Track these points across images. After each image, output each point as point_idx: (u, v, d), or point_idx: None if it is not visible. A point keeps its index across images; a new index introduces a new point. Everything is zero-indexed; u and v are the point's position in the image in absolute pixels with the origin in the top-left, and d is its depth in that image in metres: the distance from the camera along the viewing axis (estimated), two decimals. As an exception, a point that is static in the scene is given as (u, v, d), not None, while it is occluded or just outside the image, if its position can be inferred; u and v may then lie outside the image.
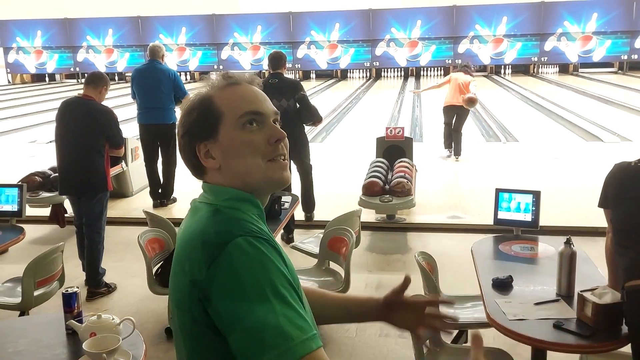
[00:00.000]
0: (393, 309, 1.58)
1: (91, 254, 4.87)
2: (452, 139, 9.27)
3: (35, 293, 3.72)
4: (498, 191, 3.98)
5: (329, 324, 1.27)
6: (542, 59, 24.52)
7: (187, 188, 6.92)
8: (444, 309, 1.60)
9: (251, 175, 1.31)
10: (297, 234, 5.89)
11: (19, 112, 16.94)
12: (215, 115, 1.31)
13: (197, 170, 1.36)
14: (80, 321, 2.56)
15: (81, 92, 4.90)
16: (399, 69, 25.67)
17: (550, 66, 25.19)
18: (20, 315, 3.71)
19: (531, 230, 3.83)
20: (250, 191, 1.33)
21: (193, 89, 1.57)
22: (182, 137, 1.36)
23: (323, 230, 4.40)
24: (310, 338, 1.14)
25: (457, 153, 9.22)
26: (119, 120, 4.98)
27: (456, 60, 24.36)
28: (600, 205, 3.01)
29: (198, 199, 1.37)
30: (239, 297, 1.15)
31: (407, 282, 1.58)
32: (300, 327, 1.14)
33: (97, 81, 4.86)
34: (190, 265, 1.21)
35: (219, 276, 1.16)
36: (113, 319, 2.48)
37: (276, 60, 5.95)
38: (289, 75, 6.24)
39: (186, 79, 25.90)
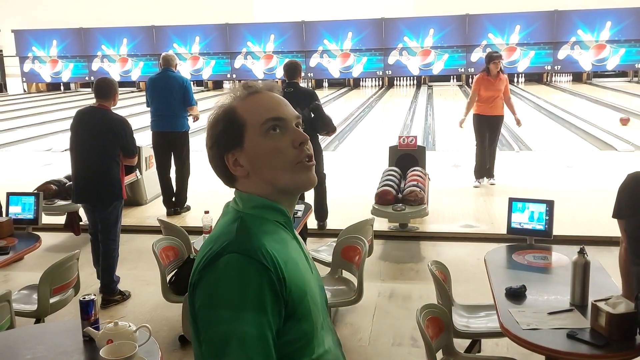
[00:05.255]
0: None
1: (106, 262, 4.91)
2: (486, 161, 7.97)
3: (51, 300, 3.76)
4: (511, 200, 3.98)
5: None
6: (556, 67, 24.43)
7: (201, 196, 6.97)
8: None
9: (278, 180, 1.36)
10: (310, 243, 5.90)
11: (34, 121, 17.10)
12: (239, 125, 1.36)
13: (228, 179, 1.41)
14: (97, 328, 2.59)
15: (95, 102, 4.94)
16: (412, 78, 25.67)
17: (563, 75, 25.09)
18: (36, 322, 3.75)
19: (545, 239, 3.82)
20: (278, 197, 1.37)
21: (205, 98, 1.60)
22: (210, 148, 1.40)
23: (336, 239, 4.42)
24: None
25: (490, 175, 8.07)
26: (133, 129, 5.02)
27: (469, 69, 24.38)
28: (615, 215, 3.01)
29: (231, 202, 1.42)
30: (208, 308, 1.21)
31: None
32: (250, 357, 1.18)
33: (107, 91, 4.87)
34: (195, 269, 1.28)
35: (201, 285, 1.24)
36: (130, 326, 2.51)
37: (292, 70, 5.99)
38: (302, 84, 6.27)
39: (201, 88, 26.06)
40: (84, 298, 2.67)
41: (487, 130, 7.80)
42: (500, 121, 7.90)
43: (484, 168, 7.99)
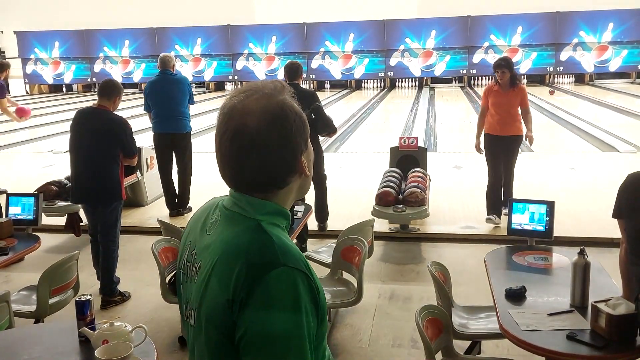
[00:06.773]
0: None
1: (106, 263, 4.90)
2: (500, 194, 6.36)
3: (51, 301, 3.76)
4: (512, 201, 3.97)
5: None
6: (558, 69, 24.39)
7: (202, 197, 6.96)
8: None
9: (309, 183, 1.41)
10: (311, 244, 5.90)
11: (36, 122, 17.06)
12: (306, 124, 1.36)
13: (279, 182, 1.34)
14: (93, 328, 2.58)
15: (96, 102, 4.95)
16: (414, 79, 25.65)
17: (565, 76, 25.05)
18: (36, 322, 3.75)
19: (545, 240, 3.81)
20: (291, 202, 1.39)
21: (207, 100, 1.59)
22: (290, 142, 1.31)
23: (336, 240, 4.41)
24: None
25: (500, 211, 6.25)
26: (134, 130, 5.02)
27: (471, 71, 24.35)
28: (615, 215, 3.00)
29: (229, 206, 1.35)
30: (265, 328, 1.19)
31: None
32: None
33: (111, 91, 4.90)
34: (232, 284, 1.22)
35: (253, 301, 1.20)
36: (125, 326, 2.50)
37: (292, 71, 5.99)
38: (303, 85, 6.26)
39: (203, 90, 26.08)
40: (80, 298, 2.66)
41: (501, 153, 6.32)
42: (517, 142, 6.35)
43: (499, 200, 6.33)
